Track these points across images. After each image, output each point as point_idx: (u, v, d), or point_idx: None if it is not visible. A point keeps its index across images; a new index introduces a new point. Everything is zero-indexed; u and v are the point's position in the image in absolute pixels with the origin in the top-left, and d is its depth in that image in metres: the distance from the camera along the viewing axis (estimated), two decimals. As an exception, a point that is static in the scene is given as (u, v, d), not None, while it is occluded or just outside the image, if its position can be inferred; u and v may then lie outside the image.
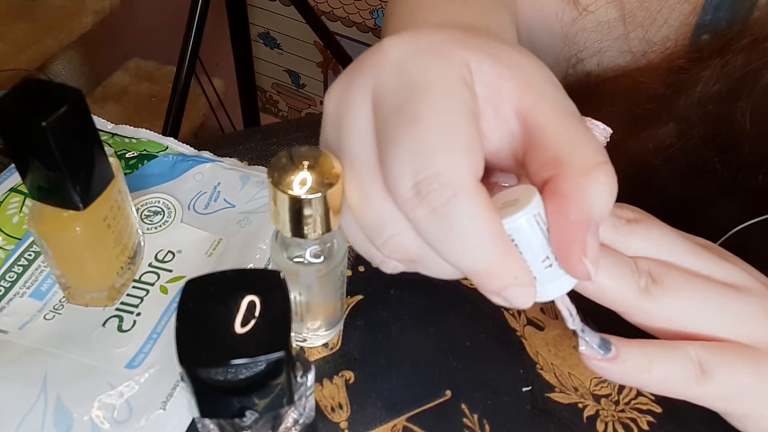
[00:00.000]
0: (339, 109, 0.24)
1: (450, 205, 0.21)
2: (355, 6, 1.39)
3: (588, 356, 0.27)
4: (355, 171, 0.24)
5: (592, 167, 0.22)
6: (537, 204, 0.23)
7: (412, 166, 0.21)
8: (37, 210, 0.32)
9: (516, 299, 0.22)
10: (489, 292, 0.22)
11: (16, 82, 0.29)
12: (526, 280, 0.22)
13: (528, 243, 0.23)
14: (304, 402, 0.30)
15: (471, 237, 0.21)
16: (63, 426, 0.31)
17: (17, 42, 1.16)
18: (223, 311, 0.24)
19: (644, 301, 0.26)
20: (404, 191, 0.22)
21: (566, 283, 0.24)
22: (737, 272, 0.28)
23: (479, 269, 0.22)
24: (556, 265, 0.23)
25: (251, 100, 1.32)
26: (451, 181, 0.21)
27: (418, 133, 0.21)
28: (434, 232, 0.22)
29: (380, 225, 0.24)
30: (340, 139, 0.24)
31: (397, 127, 0.22)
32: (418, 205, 0.21)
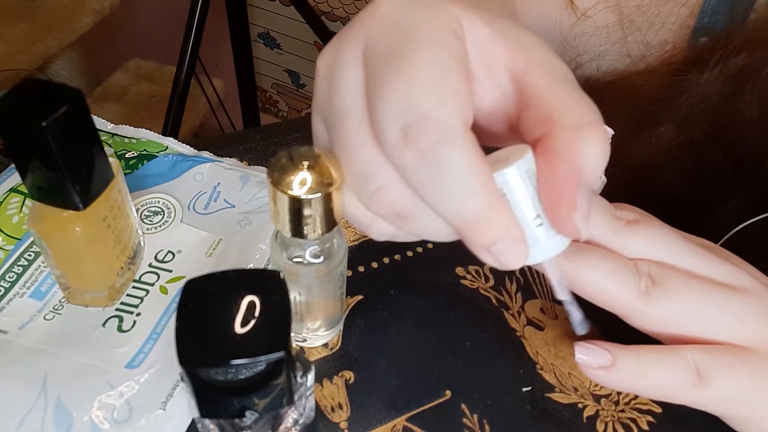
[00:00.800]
0: (330, 67, 0.24)
1: (438, 147, 0.21)
2: (355, 6, 1.39)
3: (585, 365, 0.27)
4: (344, 124, 0.23)
5: (583, 125, 0.22)
6: (528, 160, 0.22)
7: (399, 109, 0.21)
8: (37, 210, 0.32)
9: (506, 256, 0.22)
10: (478, 247, 0.22)
11: (16, 82, 0.29)
12: (517, 235, 0.22)
13: (518, 199, 0.22)
14: (304, 402, 0.30)
15: (459, 181, 0.21)
16: (63, 426, 0.31)
17: (17, 42, 1.16)
18: (223, 311, 0.24)
19: (645, 304, 0.26)
20: (392, 135, 0.21)
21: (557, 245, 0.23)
22: (737, 273, 0.28)
23: (467, 217, 0.21)
24: (548, 225, 0.23)
25: (251, 100, 1.32)
26: (439, 123, 0.21)
27: (406, 76, 0.21)
28: (422, 177, 0.21)
29: (368, 176, 0.23)
30: (330, 95, 0.24)
31: (385, 72, 0.22)
32: (405, 149, 0.21)
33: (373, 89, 0.22)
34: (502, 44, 0.24)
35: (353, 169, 0.23)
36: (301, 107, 1.67)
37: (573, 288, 0.27)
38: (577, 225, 0.22)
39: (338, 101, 0.24)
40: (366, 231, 0.26)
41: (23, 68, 1.08)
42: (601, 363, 0.26)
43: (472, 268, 0.42)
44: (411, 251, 0.43)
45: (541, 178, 0.23)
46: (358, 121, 0.23)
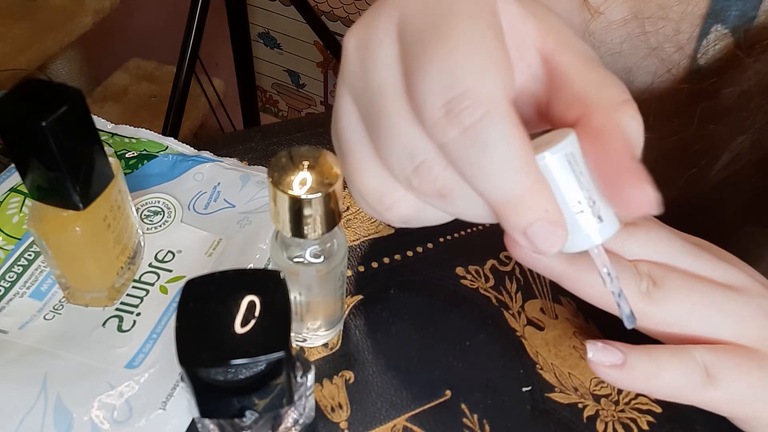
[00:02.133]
0: (363, 44, 0.23)
1: (482, 124, 0.20)
2: (355, 6, 1.39)
3: (597, 364, 0.27)
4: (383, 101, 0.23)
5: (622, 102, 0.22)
6: (571, 142, 0.22)
7: (441, 85, 0.20)
8: (37, 210, 0.32)
9: (543, 239, 0.21)
10: (514, 229, 0.21)
11: (16, 82, 0.29)
12: (556, 218, 0.21)
13: (559, 184, 0.22)
14: (304, 402, 0.30)
15: (502, 159, 0.20)
16: (63, 426, 0.31)
17: (17, 42, 1.16)
18: (223, 311, 0.24)
19: (646, 305, 0.26)
20: (434, 111, 0.21)
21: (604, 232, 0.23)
22: (736, 273, 0.28)
23: (508, 196, 0.21)
24: (589, 213, 0.22)
25: (251, 100, 1.32)
26: (483, 99, 0.20)
27: (447, 51, 0.21)
28: (464, 154, 0.21)
29: (411, 152, 0.22)
30: (365, 72, 0.23)
31: (425, 47, 0.21)
32: (448, 125, 0.20)
33: (412, 65, 0.22)
34: (533, 24, 0.23)
35: (395, 145, 0.23)
36: (301, 107, 1.67)
37: (574, 290, 0.27)
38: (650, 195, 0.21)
39: (375, 78, 0.23)
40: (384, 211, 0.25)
41: (23, 68, 1.08)
42: (612, 361, 0.26)
43: (472, 268, 0.42)
44: (411, 251, 0.43)
45: (594, 159, 0.22)
46: (397, 98, 0.22)
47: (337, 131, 0.25)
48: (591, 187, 0.22)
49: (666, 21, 0.40)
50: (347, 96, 0.24)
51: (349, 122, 0.24)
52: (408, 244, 0.43)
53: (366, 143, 0.24)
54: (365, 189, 0.25)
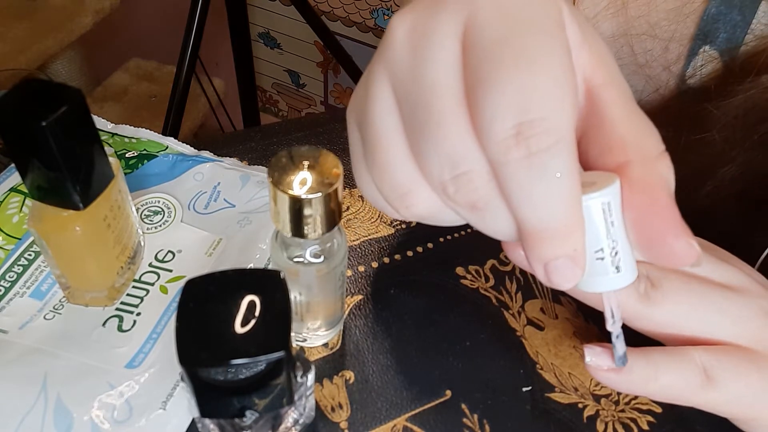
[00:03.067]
0: (418, 34, 0.22)
1: (548, 153, 0.20)
2: (355, 6, 1.39)
3: (595, 368, 0.27)
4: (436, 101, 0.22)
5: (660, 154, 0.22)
6: (614, 190, 0.22)
7: (516, 105, 0.20)
8: (37, 210, 0.32)
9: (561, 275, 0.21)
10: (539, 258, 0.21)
11: (16, 82, 0.29)
12: (581, 259, 0.21)
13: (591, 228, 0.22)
14: (304, 402, 0.30)
15: (557, 191, 0.20)
16: (63, 426, 0.31)
17: (17, 42, 1.16)
18: (223, 311, 0.24)
19: (645, 306, 0.26)
20: (502, 130, 0.20)
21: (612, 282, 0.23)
22: (735, 273, 0.28)
23: (546, 228, 0.21)
24: (608, 262, 0.23)
25: (251, 100, 1.32)
26: (555, 129, 0.20)
27: (528, 69, 0.20)
28: (520, 177, 0.20)
29: (457, 159, 0.22)
30: (418, 64, 0.22)
31: (501, 61, 0.20)
32: (513, 147, 0.20)
33: (482, 75, 0.21)
34: (587, 51, 0.23)
35: (439, 148, 0.22)
36: (301, 107, 1.67)
37: (573, 294, 0.27)
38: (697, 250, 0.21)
39: (429, 74, 0.22)
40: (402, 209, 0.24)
41: (23, 68, 1.08)
42: (610, 365, 0.26)
43: (472, 268, 0.42)
44: (411, 251, 0.43)
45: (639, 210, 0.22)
46: (454, 101, 0.22)
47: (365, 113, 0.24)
48: (618, 238, 0.22)
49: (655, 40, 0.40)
50: (385, 80, 0.23)
51: (382, 109, 0.23)
52: (408, 244, 0.43)
53: (398, 135, 0.23)
54: (388, 181, 0.24)
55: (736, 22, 0.37)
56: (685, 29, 0.39)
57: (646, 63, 0.41)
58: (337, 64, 1.49)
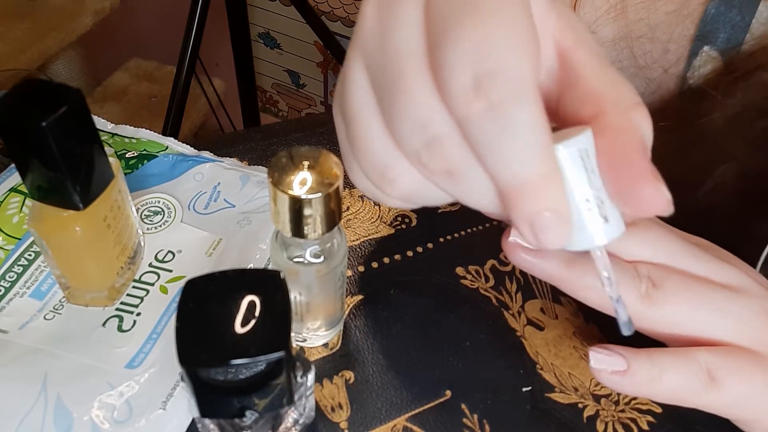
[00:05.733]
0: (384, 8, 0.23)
1: (510, 103, 0.20)
2: (355, 6, 1.39)
3: (599, 370, 0.27)
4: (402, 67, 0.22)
5: (635, 104, 0.22)
6: (587, 138, 0.21)
7: (472, 57, 0.20)
8: (37, 210, 0.32)
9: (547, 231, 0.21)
10: (521, 216, 0.21)
11: (16, 82, 0.29)
12: (563, 212, 0.21)
13: (570, 179, 0.21)
14: (304, 402, 0.30)
15: (523, 141, 0.20)
16: (63, 426, 0.31)
17: (17, 42, 1.16)
18: (223, 311, 0.24)
19: (646, 307, 0.26)
20: (460, 83, 0.20)
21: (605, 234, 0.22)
22: (736, 273, 0.28)
23: (521, 181, 0.20)
24: (596, 212, 0.22)
25: (251, 100, 1.32)
26: (514, 78, 0.20)
27: (482, 22, 0.20)
28: (485, 131, 0.20)
29: (425, 123, 0.21)
30: (383, 34, 0.22)
31: (458, 17, 0.20)
32: (475, 100, 0.20)
33: (441, 33, 0.21)
34: (555, 16, 0.23)
35: (408, 115, 0.22)
36: (301, 107, 1.67)
37: (575, 294, 0.27)
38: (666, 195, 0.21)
39: (394, 42, 0.22)
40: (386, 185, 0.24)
41: (23, 68, 1.08)
42: (615, 368, 0.26)
43: (472, 268, 0.42)
44: (411, 251, 0.43)
45: (608, 157, 0.22)
46: (417, 65, 0.22)
47: (343, 98, 0.24)
48: (600, 187, 0.22)
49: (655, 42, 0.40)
50: (358, 60, 0.23)
51: (357, 89, 0.23)
52: (408, 244, 0.43)
53: (374, 112, 0.23)
54: (368, 160, 0.24)
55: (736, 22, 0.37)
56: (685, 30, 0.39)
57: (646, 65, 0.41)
58: (337, 65, 1.49)
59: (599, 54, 0.23)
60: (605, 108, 0.22)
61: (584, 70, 0.23)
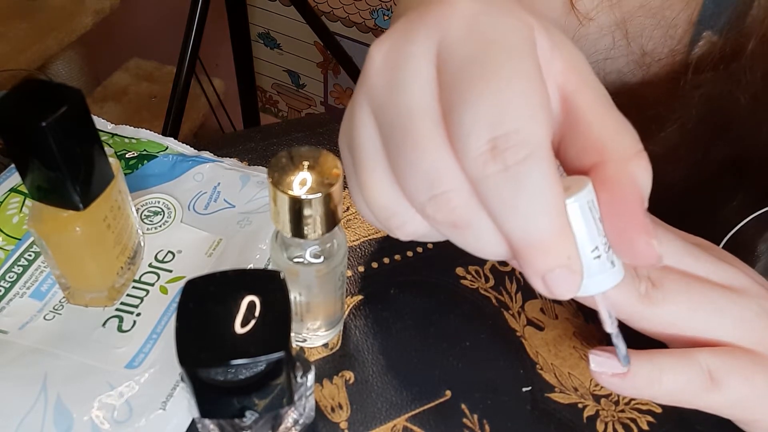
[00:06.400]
0: (394, 59, 0.23)
1: (525, 165, 0.20)
2: (355, 6, 1.39)
3: (600, 373, 0.27)
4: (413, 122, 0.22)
5: (635, 153, 0.22)
6: (591, 191, 0.22)
7: (489, 120, 0.20)
8: (37, 210, 0.32)
9: (561, 285, 0.21)
10: (535, 272, 0.21)
11: (16, 82, 0.29)
12: (577, 266, 0.21)
13: (580, 230, 0.22)
14: (304, 402, 0.30)
15: (538, 201, 0.20)
16: (63, 426, 0.31)
17: (17, 42, 1.16)
18: (223, 311, 0.24)
19: (646, 307, 0.26)
20: (477, 146, 0.20)
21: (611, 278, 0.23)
22: (735, 273, 0.28)
23: (535, 240, 0.21)
24: (604, 258, 0.23)
25: (251, 100, 1.32)
26: (529, 140, 0.20)
27: (499, 87, 0.20)
28: (500, 191, 0.21)
29: (434, 179, 0.22)
30: (394, 89, 0.23)
31: (473, 79, 0.21)
32: (490, 161, 0.20)
33: (455, 94, 0.21)
34: (558, 59, 0.23)
35: (416, 168, 0.22)
36: (301, 107, 1.67)
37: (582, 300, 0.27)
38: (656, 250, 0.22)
39: (406, 97, 0.22)
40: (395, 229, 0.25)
41: (23, 68, 1.08)
42: (616, 371, 0.26)
43: (472, 268, 0.42)
44: (411, 251, 0.43)
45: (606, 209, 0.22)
46: (430, 121, 0.22)
47: (350, 141, 0.25)
48: (603, 234, 0.23)
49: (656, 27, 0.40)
50: (366, 107, 0.24)
51: (365, 134, 0.24)
52: (408, 244, 0.43)
53: (381, 158, 0.24)
54: (377, 205, 0.24)
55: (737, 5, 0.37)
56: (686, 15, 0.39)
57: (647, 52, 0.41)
58: (337, 65, 1.49)
59: (602, 96, 0.23)
60: (606, 158, 0.22)
61: (587, 115, 0.23)
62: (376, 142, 0.24)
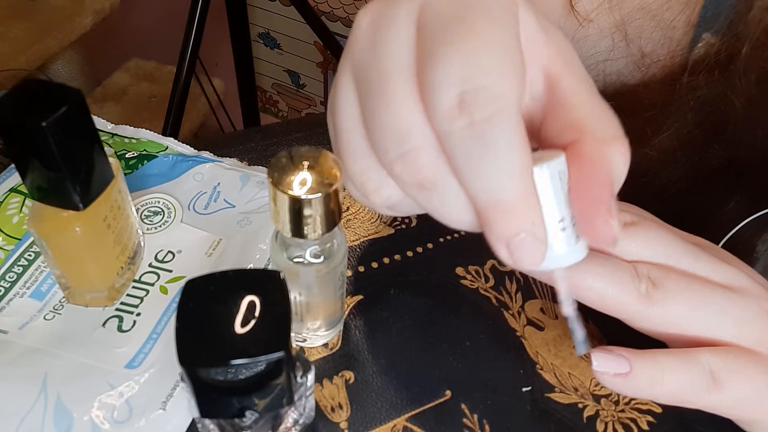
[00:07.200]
0: (377, 22, 0.23)
1: (492, 121, 0.20)
2: (355, 6, 1.39)
3: (601, 373, 0.26)
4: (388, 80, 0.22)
5: (614, 138, 0.22)
6: (562, 162, 0.22)
7: (459, 74, 0.20)
8: (37, 210, 0.32)
9: (523, 252, 0.21)
10: (498, 237, 0.21)
11: (16, 82, 0.29)
12: (540, 233, 0.21)
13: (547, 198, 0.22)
14: (304, 402, 0.30)
15: (503, 160, 0.20)
16: (63, 426, 0.31)
17: (17, 42, 1.16)
18: (223, 311, 0.24)
19: (646, 307, 0.26)
20: (446, 99, 0.20)
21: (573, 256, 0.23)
22: (735, 273, 0.28)
23: (498, 200, 0.20)
24: (570, 232, 0.22)
25: (251, 100, 1.32)
26: (498, 97, 0.20)
27: (471, 44, 0.20)
28: (465, 148, 0.20)
29: (402, 136, 0.22)
30: (374, 49, 0.23)
31: (448, 35, 0.21)
32: (458, 116, 0.20)
33: (431, 50, 0.21)
34: (544, 41, 0.23)
35: (387, 126, 0.22)
36: (301, 107, 1.67)
37: (574, 295, 0.27)
38: (614, 231, 0.22)
39: (384, 56, 0.23)
40: (369, 195, 0.25)
41: (23, 68, 1.08)
42: (618, 371, 0.26)
43: (472, 268, 0.42)
44: (411, 251, 0.43)
45: (574, 183, 0.22)
46: (404, 79, 0.22)
47: (333, 109, 0.25)
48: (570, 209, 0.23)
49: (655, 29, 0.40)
50: (348, 73, 0.24)
51: (346, 100, 0.24)
52: (408, 244, 0.43)
53: (359, 125, 0.24)
54: (352, 170, 0.25)
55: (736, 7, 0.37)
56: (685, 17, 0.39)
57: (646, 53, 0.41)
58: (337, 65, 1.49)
59: (587, 82, 0.23)
60: (583, 137, 0.22)
61: (570, 98, 0.23)
62: (354, 106, 0.24)
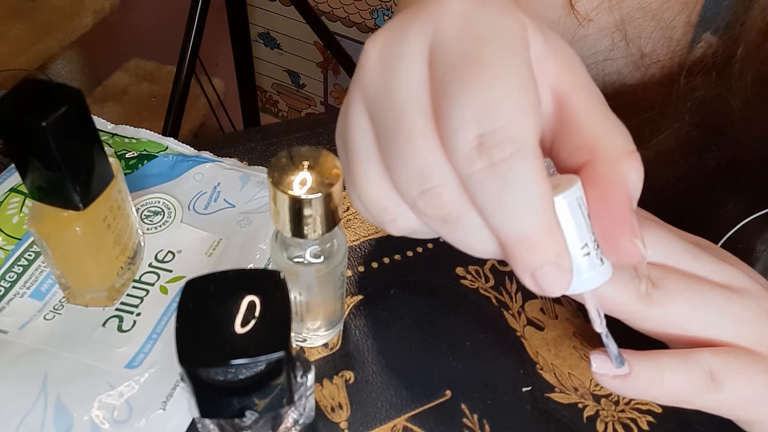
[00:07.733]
0: (388, 55, 0.23)
1: (512, 162, 0.20)
2: (355, 6, 1.39)
3: (601, 374, 0.26)
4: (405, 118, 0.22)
5: (626, 153, 0.22)
6: (579, 188, 0.22)
7: (477, 116, 0.20)
8: (37, 210, 0.32)
9: (550, 282, 0.21)
10: (524, 268, 0.21)
11: (16, 82, 0.29)
12: (566, 263, 0.21)
13: (569, 227, 0.22)
14: (304, 402, 0.30)
15: (525, 197, 0.20)
16: (63, 426, 0.31)
17: (17, 42, 1.16)
18: (223, 311, 0.24)
19: (646, 307, 0.26)
20: (465, 141, 0.21)
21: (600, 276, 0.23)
22: (735, 273, 0.28)
23: (523, 236, 0.21)
24: (593, 255, 0.23)
25: (251, 100, 1.32)
26: (517, 138, 0.20)
27: (486, 82, 0.21)
28: (487, 188, 0.21)
29: (425, 174, 0.22)
30: (387, 84, 0.23)
31: (464, 75, 0.21)
32: (477, 158, 0.20)
33: (447, 90, 0.21)
34: (552, 60, 0.23)
35: (407, 163, 0.22)
36: (301, 107, 1.67)
37: (573, 296, 0.27)
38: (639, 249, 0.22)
39: (399, 93, 0.23)
40: (387, 223, 0.25)
41: (23, 68, 1.08)
42: (617, 372, 0.26)
43: (472, 268, 0.42)
44: (411, 251, 0.43)
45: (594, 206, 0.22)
46: (422, 116, 0.22)
47: (344, 136, 0.25)
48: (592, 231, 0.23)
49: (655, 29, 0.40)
50: (360, 103, 0.24)
51: (359, 129, 0.24)
52: (408, 244, 0.43)
53: (374, 153, 0.24)
54: (369, 199, 0.25)
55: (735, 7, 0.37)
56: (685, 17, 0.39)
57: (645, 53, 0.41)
58: (337, 65, 1.49)
59: (596, 96, 0.23)
60: (597, 156, 0.22)
61: (580, 115, 0.23)
62: (369, 137, 0.24)
